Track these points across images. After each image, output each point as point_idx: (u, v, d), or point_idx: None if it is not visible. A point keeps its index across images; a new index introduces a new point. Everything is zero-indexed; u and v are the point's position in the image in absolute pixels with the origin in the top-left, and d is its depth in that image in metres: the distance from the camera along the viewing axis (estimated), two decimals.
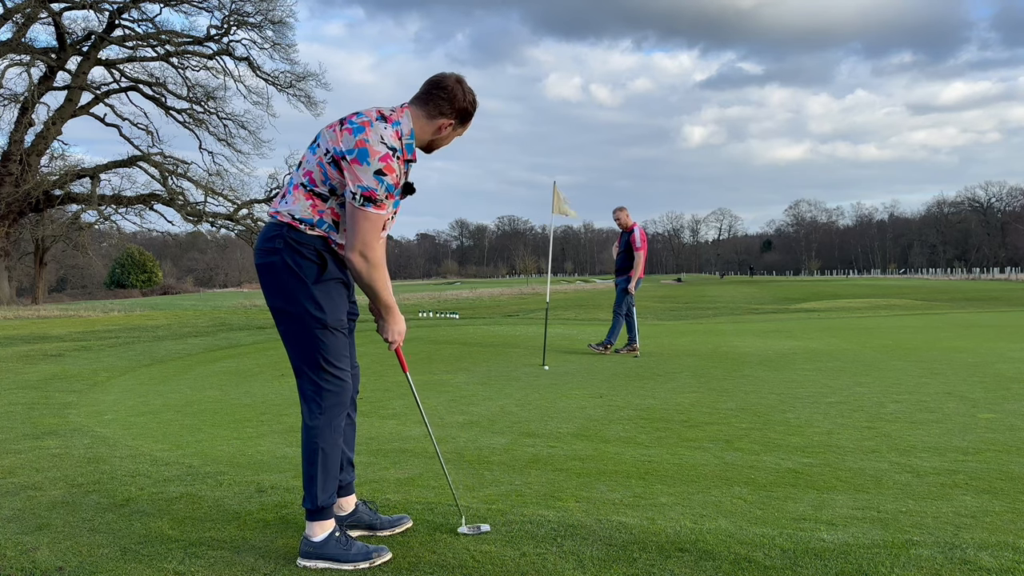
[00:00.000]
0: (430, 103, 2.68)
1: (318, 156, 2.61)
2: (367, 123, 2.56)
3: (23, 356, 9.63)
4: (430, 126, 2.71)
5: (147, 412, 5.70)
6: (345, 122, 2.59)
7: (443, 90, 2.68)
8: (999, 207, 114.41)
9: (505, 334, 12.73)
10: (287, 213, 2.66)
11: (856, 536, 2.67)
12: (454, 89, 2.69)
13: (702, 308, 24.11)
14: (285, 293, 2.63)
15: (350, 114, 2.61)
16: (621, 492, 3.30)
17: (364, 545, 2.60)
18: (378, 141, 2.52)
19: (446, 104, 2.68)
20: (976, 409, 5.16)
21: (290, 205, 2.66)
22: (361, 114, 2.60)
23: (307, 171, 2.64)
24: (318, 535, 2.57)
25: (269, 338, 12.63)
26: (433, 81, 2.71)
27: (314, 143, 2.66)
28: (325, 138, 2.60)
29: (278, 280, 2.64)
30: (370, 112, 2.61)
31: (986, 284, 50.11)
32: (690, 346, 10.29)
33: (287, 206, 2.68)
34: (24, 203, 29.46)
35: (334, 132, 2.58)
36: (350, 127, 2.56)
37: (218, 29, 31.44)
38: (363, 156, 2.51)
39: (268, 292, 2.68)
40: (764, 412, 5.19)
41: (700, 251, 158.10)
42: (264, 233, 2.71)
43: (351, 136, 2.54)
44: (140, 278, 74.11)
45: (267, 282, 2.66)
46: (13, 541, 2.77)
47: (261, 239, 2.69)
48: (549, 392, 6.33)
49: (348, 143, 2.54)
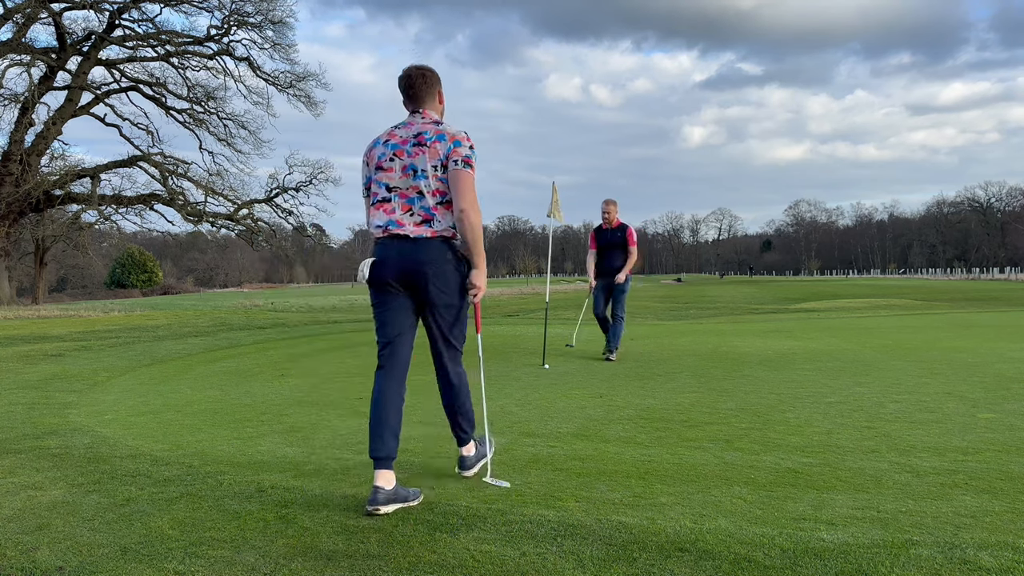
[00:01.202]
0: (437, 95, 3.46)
1: (433, 176, 3.26)
2: (439, 130, 3.29)
3: (23, 356, 9.64)
4: (441, 107, 3.51)
5: (147, 412, 5.70)
6: (426, 139, 3.27)
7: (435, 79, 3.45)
8: (999, 207, 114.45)
9: (505, 334, 12.73)
10: (447, 229, 3.29)
11: (856, 536, 2.67)
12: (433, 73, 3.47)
13: (702, 308, 24.11)
14: (454, 291, 3.35)
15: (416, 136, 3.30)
16: (621, 492, 3.30)
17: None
18: (458, 131, 3.30)
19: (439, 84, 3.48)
20: (976, 409, 5.16)
21: (444, 222, 3.28)
22: (427, 132, 3.29)
23: (437, 188, 3.26)
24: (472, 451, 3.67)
25: (269, 338, 12.63)
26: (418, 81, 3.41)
27: (417, 175, 3.27)
28: (423, 163, 3.26)
29: (450, 282, 3.32)
30: (428, 125, 3.33)
31: (986, 284, 50.10)
32: (690, 346, 10.29)
33: (441, 224, 3.29)
34: (24, 203, 29.46)
35: (425, 154, 3.25)
36: (436, 139, 3.26)
37: (218, 29, 31.45)
38: (459, 143, 3.26)
39: (438, 291, 3.31)
40: (764, 412, 5.20)
41: (700, 251, 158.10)
42: (432, 247, 3.29)
43: (443, 142, 3.26)
44: (140, 278, 74.12)
45: (439, 284, 3.30)
46: (13, 541, 2.77)
47: (429, 251, 3.28)
48: (549, 392, 6.33)
49: (445, 147, 3.25)
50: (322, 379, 7.39)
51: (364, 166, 3.45)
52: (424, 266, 3.27)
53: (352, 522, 2.92)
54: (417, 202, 3.28)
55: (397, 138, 3.34)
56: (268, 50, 31.87)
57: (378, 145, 3.39)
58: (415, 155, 3.27)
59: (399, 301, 3.36)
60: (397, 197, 3.30)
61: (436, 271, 3.27)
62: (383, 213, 3.33)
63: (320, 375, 7.79)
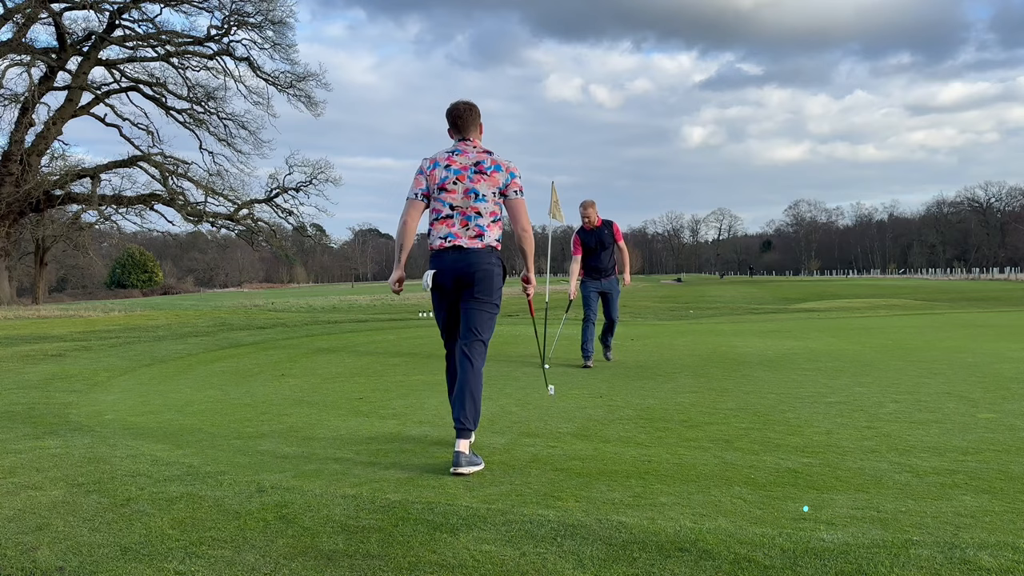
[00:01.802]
0: (479, 126, 4.19)
1: (492, 200, 4.04)
2: (495, 160, 4.05)
3: (24, 356, 9.64)
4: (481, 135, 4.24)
5: (147, 412, 5.70)
6: (484, 168, 4.02)
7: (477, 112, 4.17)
8: (998, 207, 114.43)
9: (505, 334, 12.73)
10: (495, 241, 4.06)
11: (856, 536, 2.68)
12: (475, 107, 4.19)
13: (702, 308, 24.12)
14: (495, 292, 4.02)
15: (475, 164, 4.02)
16: (621, 492, 3.30)
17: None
18: (509, 162, 4.09)
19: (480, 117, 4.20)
20: (976, 409, 5.16)
21: (491, 236, 4.06)
22: (484, 162, 4.03)
23: (492, 211, 4.04)
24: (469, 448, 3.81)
25: (269, 338, 12.64)
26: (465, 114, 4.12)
27: (478, 198, 4.00)
28: (485, 188, 4.01)
29: (493, 284, 4.01)
30: (483, 155, 4.05)
31: (985, 284, 50.11)
32: (690, 346, 10.29)
33: (490, 238, 4.05)
34: (24, 203, 29.46)
35: (486, 181, 4.01)
36: (494, 170, 4.03)
37: (218, 29, 31.44)
38: (513, 175, 4.07)
39: (483, 292, 3.99)
40: (764, 412, 5.20)
41: (700, 251, 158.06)
42: (481, 254, 4.00)
43: (502, 172, 4.04)
44: (141, 278, 74.17)
45: (485, 285, 3.98)
46: (13, 541, 2.77)
47: (480, 258, 3.99)
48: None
49: (504, 176, 4.05)
50: (322, 379, 7.40)
51: (422, 178, 4.09)
52: (473, 267, 3.98)
53: (352, 522, 2.92)
54: (473, 220, 4.01)
55: (457, 164, 4.03)
56: (268, 50, 31.89)
57: (438, 167, 4.04)
58: (476, 181, 4.00)
59: (451, 301, 4.09)
60: (458, 215, 4.02)
61: (482, 274, 3.98)
62: (445, 227, 4.03)
63: (320, 375, 7.79)
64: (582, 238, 8.37)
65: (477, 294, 3.99)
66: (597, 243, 8.35)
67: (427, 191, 4.08)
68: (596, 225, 8.35)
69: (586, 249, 8.38)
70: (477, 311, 3.99)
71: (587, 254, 8.40)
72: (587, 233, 8.38)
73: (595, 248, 8.36)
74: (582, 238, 8.37)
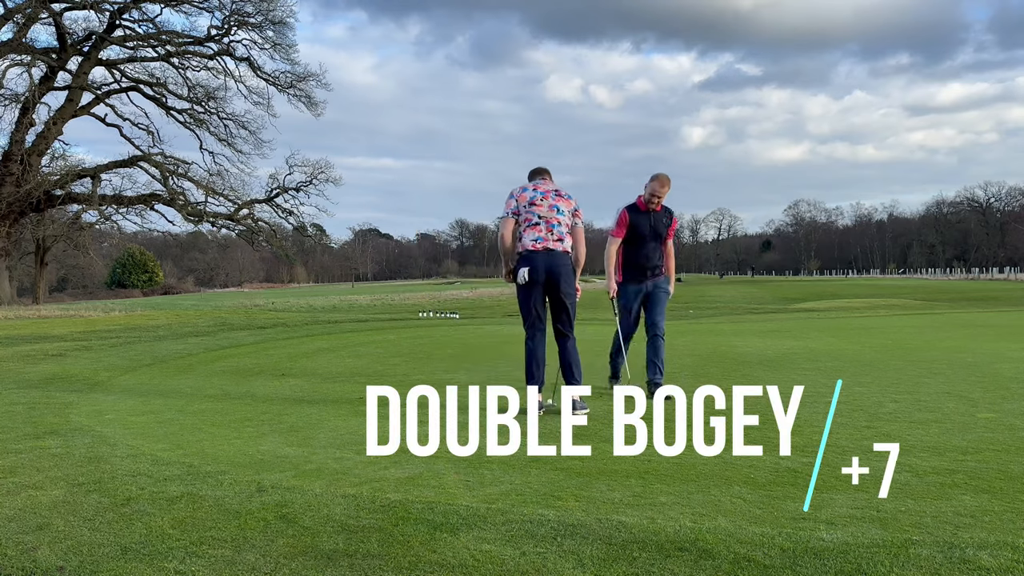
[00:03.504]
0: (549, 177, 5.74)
1: (567, 215, 5.52)
2: (565, 191, 5.61)
3: (24, 356, 9.64)
4: None
5: (148, 412, 5.71)
6: (562, 195, 5.56)
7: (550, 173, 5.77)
8: (998, 207, 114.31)
9: (505, 334, 12.74)
10: (568, 247, 5.51)
11: (855, 535, 2.68)
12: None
13: (702, 308, 24.11)
14: (572, 284, 5.47)
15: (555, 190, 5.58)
16: (621, 491, 3.30)
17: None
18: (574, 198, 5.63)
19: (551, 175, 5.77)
20: (975, 409, 5.16)
21: (567, 243, 5.50)
22: (560, 191, 5.59)
23: (567, 224, 5.51)
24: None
25: (269, 338, 12.64)
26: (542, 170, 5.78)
27: (559, 211, 5.49)
28: (564, 206, 5.53)
29: (572, 279, 5.46)
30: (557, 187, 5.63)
31: (985, 284, 50.10)
32: (690, 346, 10.29)
33: (567, 243, 5.50)
34: (25, 203, 29.45)
35: (564, 201, 5.55)
36: (568, 197, 5.59)
37: (219, 29, 31.44)
38: (578, 207, 5.62)
39: (566, 284, 5.42)
40: (764, 412, 5.19)
41: (700, 251, 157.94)
42: (560, 257, 5.44)
43: (573, 200, 5.61)
44: (141, 278, 74.17)
45: (567, 279, 5.43)
46: (14, 540, 2.78)
47: (564, 259, 5.46)
48: (548, 391, 6.32)
49: (574, 203, 5.61)
50: (322, 379, 7.40)
51: (512, 200, 5.54)
52: (559, 267, 5.40)
53: (352, 522, 2.92)
54: (556, 228, 5.44)
55: (542, 188, 5.55)
56: (268, 50, 31.87)
57: (527, 191, 5.54)
58: (557, 200, 5.51)
59: (539, 291, 5.43)
60: (544, 223, 5.43)
61: (565, 272, 5.42)
62: (535, 232, 5.41)
63: (320, 375, 7.79)
64: (632, 218, 6.21)
65: (565, 289, 5.41)
66: (651, 231, 6.24)
67: (516, 210, 5.50)
68: (655, 210, 6.29)
69: (633, 235, 6.25)
70: (568, 304, 5.48)
71: (631, 243, 6.28)
72: (641, 214, 6.23)
73: (646, 236, 6.24)
74: (632, 218, 6.21)
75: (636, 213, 6.25)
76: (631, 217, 6.23)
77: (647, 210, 6.24)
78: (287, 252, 45.70)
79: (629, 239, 6.28)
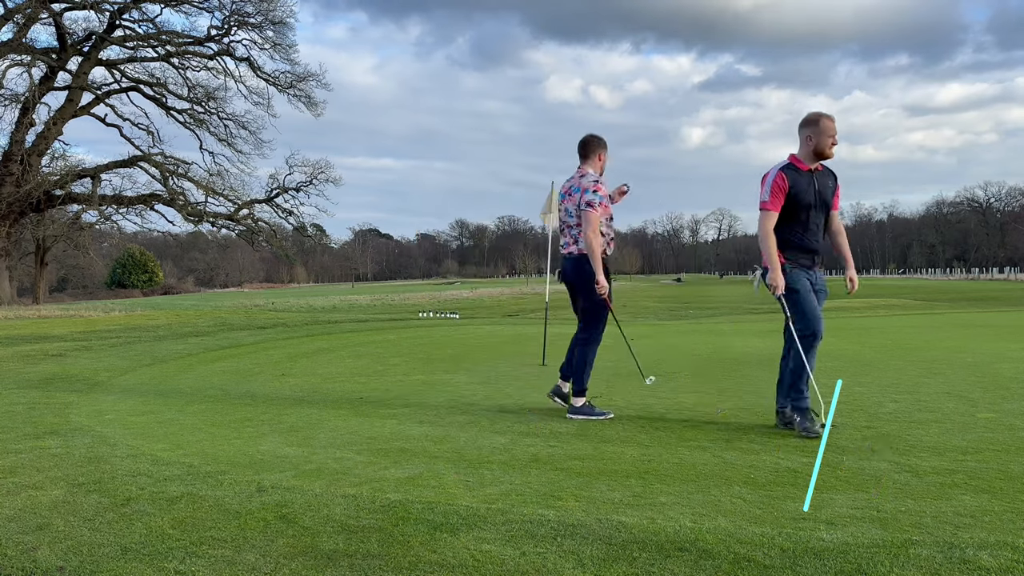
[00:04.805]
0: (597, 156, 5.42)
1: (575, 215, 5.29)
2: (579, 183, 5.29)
3: (24, 356, 9.64)
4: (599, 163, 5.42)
5: (148, 412, 5.71)
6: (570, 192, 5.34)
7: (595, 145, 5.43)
8: (998, 207, 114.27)
9: (505, 334, 12.74)
10: (583, 248, 5.20)
11: (855, 535, 2.68)
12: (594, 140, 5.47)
13: (702, 308, 24.11)
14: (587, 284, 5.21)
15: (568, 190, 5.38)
16: (621, 491, 3.30)
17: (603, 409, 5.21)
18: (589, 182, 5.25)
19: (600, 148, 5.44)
20: (975, 409, 5.16)
21: (582, 244, 5.22)
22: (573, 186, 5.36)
23: (577, 224, 5.28)
24: (579, 403, 5.21)
25: (269, 338, 12.64)
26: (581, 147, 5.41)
27: (569, 215, 5.32)
28: (572, 207, 5.30)
29: (583, 280, 5.23)
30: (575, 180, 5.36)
31: (985, 284, 50.10)
32: (690, 346, 10.29)
33: (580, 244, 5.25)
34: (25, 203, 29.46)
35: (571, 201, 5.30)
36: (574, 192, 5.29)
37: (219, 29, 31.44)
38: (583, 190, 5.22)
39: (581, 286, 5.28)
40: (764, 412, 5.20)
41: (700, 251, 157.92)
42: (572, 261, 5.32)
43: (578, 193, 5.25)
44: (141, 278, 74.16)
45: (581, 282, 5.26)
46: (14, 540, 2.78)
47: (571, 265, 5.33)
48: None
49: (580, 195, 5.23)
50: (322, 379, 7.40)
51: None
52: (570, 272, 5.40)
53: (352, 522, 2.92)
54: (569, 231, 5.36)
55: (564, 188, 5.47)
56: (268, 50, 31.87)
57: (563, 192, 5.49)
58: (567, 202, 5.37)
59: (571, 296, 5.59)
60: (564, 227, 5.39)
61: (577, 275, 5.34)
62: (562, 237, 5.46)
63: (320, 375, 7.79)
64: (793, 182, 4.53)
65: (580, 289, 5.31)
66: (818, 197, 4.59)
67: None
68: (817, 170, 4.62)
69: (793, 206, 4.56)
70: (584, 303, 5.35)
71: (789, 217, 4.60)
72: (802, 174, 4.57)
73: (812, 205, 4.59)
74: (793, 182, 4.53)
75: (796, 174, 4.55)
76: (791, 180, 4.52)
77: (810, 169, 4.58)
78: (287, 252, 45.72)
79: (787, 212, 4.57)
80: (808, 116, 4.59)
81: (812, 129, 4.53)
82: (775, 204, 4.55)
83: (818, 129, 4.51)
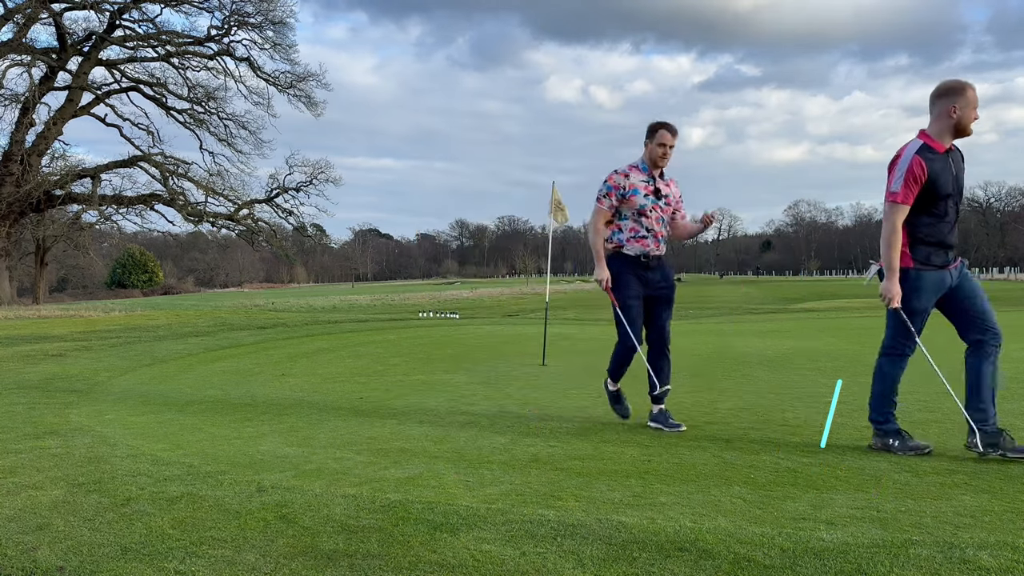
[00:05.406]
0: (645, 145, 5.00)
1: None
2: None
3: (24, 356, 9.64)
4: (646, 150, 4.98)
5: (148, 412, 5.71)
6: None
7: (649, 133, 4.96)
8: (998, 207, 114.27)
9: (505, 334, 12.74)
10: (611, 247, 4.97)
11: (855, 535, 2.67)
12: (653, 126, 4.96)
13: (702, 308, 24.11)
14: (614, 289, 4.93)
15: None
16: (621, 491, 3.30)
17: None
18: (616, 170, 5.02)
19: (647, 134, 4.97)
20: None
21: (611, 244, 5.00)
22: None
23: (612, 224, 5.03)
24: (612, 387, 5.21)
25: (269, 338, 12.64)
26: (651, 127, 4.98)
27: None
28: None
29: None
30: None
31: (985, 284, 50.05)
32: (690, 346, 10.29)
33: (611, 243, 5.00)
34: (25, 203, 29.47)
35: None
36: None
37: (219, 30, 31.47)
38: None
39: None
40: (763, 412, 5.20)
41: (700, 251, 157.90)
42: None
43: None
44: (141, 278, 74.20)
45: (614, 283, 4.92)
46: (14, 540, 2.78)
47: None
48: (549, 392, 6.33)
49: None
50: (322, 379, 7.40)
51: None
52: None
53: (352, 522, 2.92)
54: None
55: None
56: (268, 50, 31.91)
57: None
58: None
59: None
60: None
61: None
62: None
63: (320, 375, 7.79)
64: (931, 167, 3.80)
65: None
66: (955, 183, 3.92)
67: None
68: (951, 150, 3.91)
69: (929, 195, 3.86)
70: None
71: (924, 208, 3.89)
72: (939, 158, 3.84)
73: (951, 195, 3.92)
74: (931, 167, 3.80)
75: (933, 157, 3.81)
76: (928, 164, 3.78)
77: (946, 149, 3.86)
78: (287, 252, 45.74)
79: (920, 203, 3.85)
80: (950, 84, 3.80)
81: (957, 100, 3.74)
82: (907, 196, 3.79)
83: (965, 100, 3.74)
